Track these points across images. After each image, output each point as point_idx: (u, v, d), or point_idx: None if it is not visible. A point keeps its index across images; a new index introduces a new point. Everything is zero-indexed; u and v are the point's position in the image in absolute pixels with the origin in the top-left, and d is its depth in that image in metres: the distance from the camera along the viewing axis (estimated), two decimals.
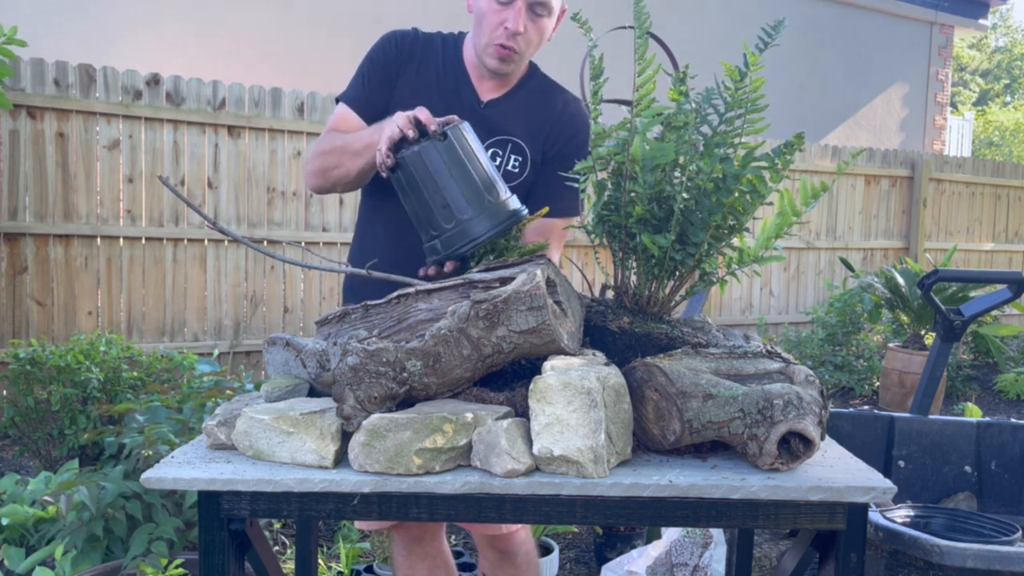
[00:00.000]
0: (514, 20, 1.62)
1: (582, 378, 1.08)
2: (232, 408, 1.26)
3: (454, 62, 1.76)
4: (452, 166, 1.39)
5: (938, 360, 2.91)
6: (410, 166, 1.40)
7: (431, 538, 1.91)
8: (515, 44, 1.65)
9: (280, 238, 4.76)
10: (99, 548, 2.26)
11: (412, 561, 1.90)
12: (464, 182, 1.39)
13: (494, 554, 1.92)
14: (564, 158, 1.73)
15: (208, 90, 4.57)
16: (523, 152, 1.75)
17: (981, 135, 18.54)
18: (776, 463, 1.12)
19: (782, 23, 1.25)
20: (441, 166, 1.39)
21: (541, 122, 1.76)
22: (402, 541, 1.90)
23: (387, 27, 1.85)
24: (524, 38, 1.65)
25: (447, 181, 1.39)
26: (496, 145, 1.73)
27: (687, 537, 2.49)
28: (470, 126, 1.46)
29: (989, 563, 1.71)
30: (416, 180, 1.40)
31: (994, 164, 8.31)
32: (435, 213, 1.40)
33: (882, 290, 5.42)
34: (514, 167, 1.74)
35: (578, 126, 1.78)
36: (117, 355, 3.55)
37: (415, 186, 1.41)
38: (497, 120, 1.74)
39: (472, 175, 1.40)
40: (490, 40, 1.66)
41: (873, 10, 10.55)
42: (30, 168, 4.14)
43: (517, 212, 1.42)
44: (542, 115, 1.77)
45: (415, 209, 1.44)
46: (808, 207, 1.25)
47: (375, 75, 1.73)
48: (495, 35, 1.65)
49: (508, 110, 1.75)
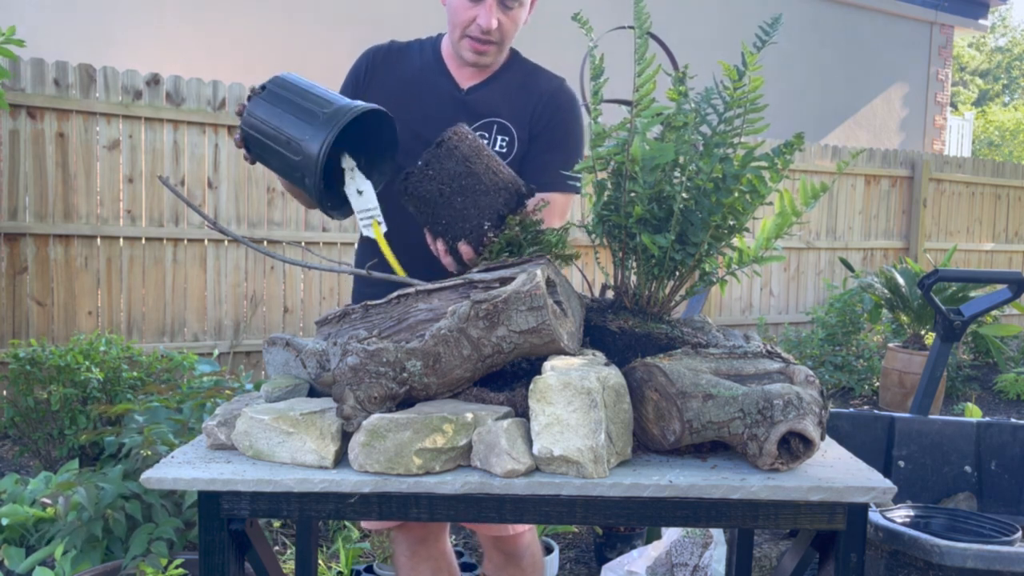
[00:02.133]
0: (485, 17, 1.65)
1: (582, 378, 1.08)
2: (232, 408, 1.26)
3: (432, 59, 1.81)
4: (279, 104, 1.38)
5: (938, 360, 2.91)
6: (249, 129, 1.41)
7: (434, 539, 1.91)
8: (489, 38, 1.69)
9: (280, 238, 4.76)
10: (99, 548, 2.26)
11: (415, 562, 1.89)
12: (294, 113, 1.37)
13: (500, 556, 1.91)
14: (551, 132, 1.76)
15: (208, 90, 4.57)
16: (509, 132, 1.77)
17: (981, 135, 18.54)
18: (776, 463, 1.12)
19: (779, 20, 1.25)
20: (270, 111, 1.38)
21: (524, 101, 1.78)
22: (405, 542, 1.89)
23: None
24: (498, 31, 1.69)
25: (280, 121, 1.37)
26: (482, 128, 1.76)
27: (687, 537, 2.49)
28: (297, 75, 1.46)
29: (989, 563, 1.71)
30: (261, 139, 1.40)
31: (994, 164, 8.32)
32: (287, 157, 1.38)
33: (882, 290, 5.42)
34: (502, 147, 1.77)
35: (560, 101, 1.80)
36: (117, 355, 3.55)
37: (262, 144, 1.40)
38: (479, 104, 1.76)
39: (300, 104, 1.38)
40: (463, 35, 1.70)
41: (873, 10, 10.55)
42: (30, 168, 4.14)
43: (351, 107, 1.37)
44: (525, 94, 1.79)
45: (274, 165, 1.43)
46: (808, 207, 1.25)
47: (344, 91, 1.79)
48: (468, 31, 1.69)
49: (490, 94, 1.78)
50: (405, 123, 1.64)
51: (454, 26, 1.71)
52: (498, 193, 1.43)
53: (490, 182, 1.43)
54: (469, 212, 1.43)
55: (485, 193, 1.43)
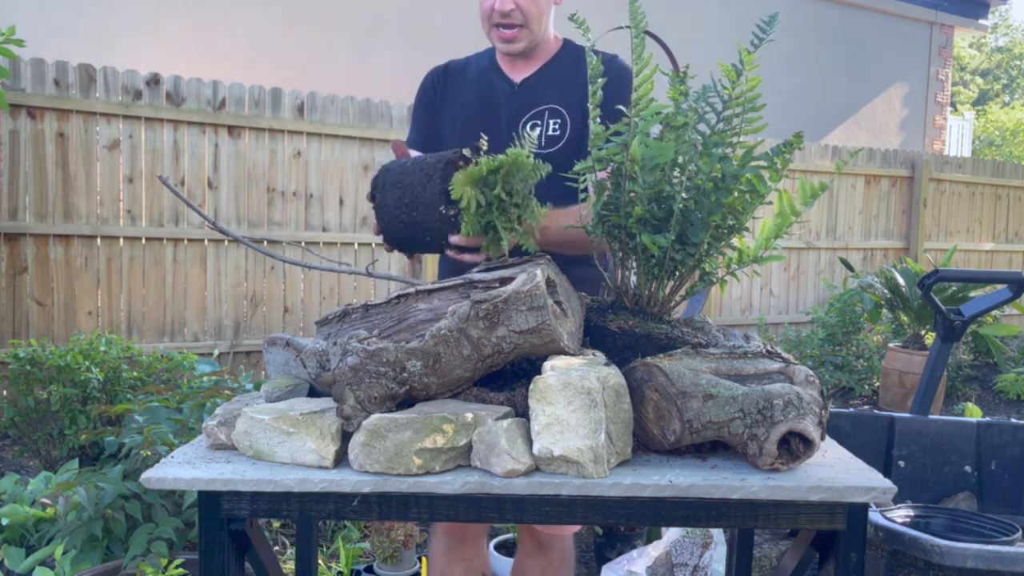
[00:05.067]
0: (501, 1, 1.69)
1: (582, 378, 1.08)
2: (232, 408, 1.26)
3: (487, 65, 1.87)
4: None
5: (938, 360, 2.91)
6: None
7: (473, 540, 1.92)
8: (510, 21, 1.71)
9: (280, 238, 4.75)
10: (99, 548, 2.26)
11: (450, 559, 1.91)
12: None
13: (532, 543, 1.93)
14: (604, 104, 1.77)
15: (208, 90, 4.57)
16: (560, 115, 1.79)
17: (981, 135, 18.54)
18: (776, 463, 1.11)
19: (776, 18, 1.25)
20: None
21: (575, 83, 1.80)
22: (445, 539, 1.91)
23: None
24: (519, 12, 1.71)
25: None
26: (535, 117, 1.80)
27: (687, 537, 2.49)
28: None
29: (989, 563, 1.71)
30: None
31: (994, 164, 8.31)
32: None
33: (882, 290, 5.42)
34: (554, 131, 1.79)
35: (609, 73, 1.77)
36: (117, 355, 3.55)
37: None
38: (531, 95, 1.81)
39: None
40: (490, 27, 1.75)
41: (873, 10, 10.55)
42: (30, 168, 4.14)
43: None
44: (575, 76, 1.81)
45: None
46: (807, 207, 1.25)
47: (422, 115, 1.90)
48: (492, 19, 1.73)
49: (541, 83, 1.82)
50: (476, 130, 1.70)
51: (483, 20, 1.76)
52: (432, 180, 1.40)
53: (423, 177, 1.42)
54: (429, 213, 1.41)
55: (423, 187, 1.42)
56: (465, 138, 1.79)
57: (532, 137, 1.44)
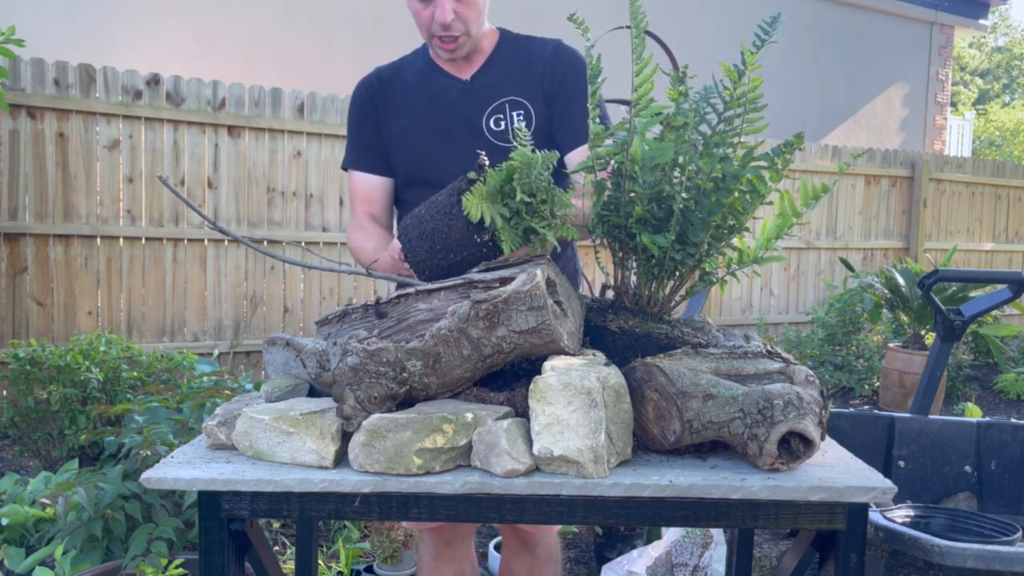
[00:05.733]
0: (440, 13, 1.65)
1: (582, 378, 1.08)
2: (232, 408, 1.26)
3: (425, 67, 1.81)
4: None
5: (938, 360, 2.91)
6: None
7: (460, 542, 1.91)
8: (452, 32, 1.68)
9: (280, 238, 4.75)
10: (99, 548, 2.26)
11: (439, 563, 1.89)
12: None
13: (516, 543, 1.92)
14: (567, 88, 1.75)
15: (208, 90, 4.57)
16: (522, 105, 1.76)
17: (981, 135, 18.54)
18: (776, 463, 1.11)
19: (778, 19, 1.25)
20: None
21: (528, 71, 1.78)
22: (432, 542, 1.89)
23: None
24: (459, 22, 1.67)
25: None
26: (496, 111, 1.75)
27: (687, 537, 2.49)
28: None
29: (989, 563, 1.71)
30: None
31: (994, 164, 8.31)
32: None
33: (882, 290, 5.42)
34: (520, 121, 1.76)
35: (563, 58, 1.78)
36: (117, 355, 3.55)
37: None
38: (487, 90, 1.76)
39: None
40: (429, 36, 1.71)
41: (873, 10, 10.55)
42: (30, 168, 4.14)
43: None
44: (527, 64, 1.78)
45: None
46: (808, 208, 1.25)
47: (363, 133, 1.82)
48: (432, 30, 1.69)
49: (493, 76, 1.77)
50: (429, 134, 1.67)
51: (421, 31, 1.72)
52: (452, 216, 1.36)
53: (442, 217, 1.37)
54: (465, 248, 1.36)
55: (448, 227, 1.36)
56: (419, 144, 1.76)
57: (522, 130, 1.41)
